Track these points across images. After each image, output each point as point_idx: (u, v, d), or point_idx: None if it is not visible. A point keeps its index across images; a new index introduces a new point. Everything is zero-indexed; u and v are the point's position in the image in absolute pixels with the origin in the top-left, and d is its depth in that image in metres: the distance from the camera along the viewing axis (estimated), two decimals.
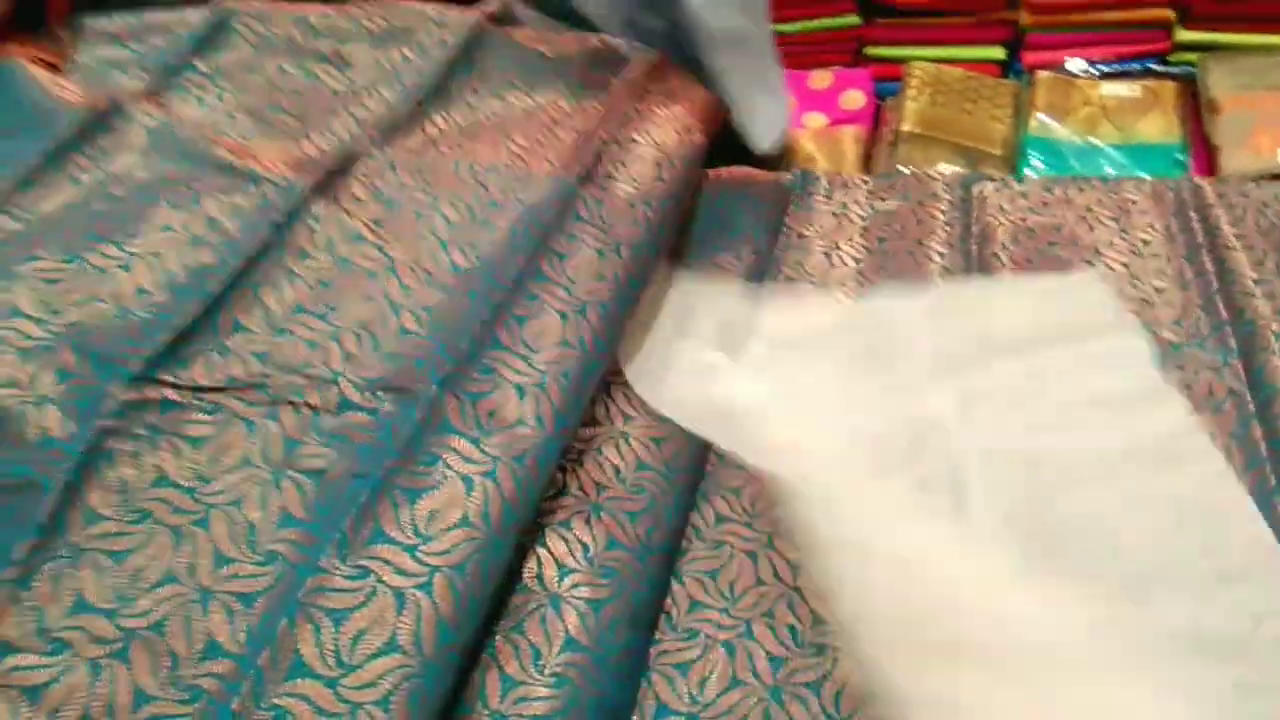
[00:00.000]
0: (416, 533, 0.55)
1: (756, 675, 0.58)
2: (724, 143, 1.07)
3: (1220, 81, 1.50)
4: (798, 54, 1.71)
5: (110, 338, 0.61)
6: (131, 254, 0.66)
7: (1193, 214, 0.93)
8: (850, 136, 1.60)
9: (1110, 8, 1.61)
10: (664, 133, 0.91)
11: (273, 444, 0.60)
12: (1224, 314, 0.79)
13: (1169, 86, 1.53)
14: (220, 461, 0.58)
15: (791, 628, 0.61)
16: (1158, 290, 0.82)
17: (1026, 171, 1.39)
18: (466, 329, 0.66)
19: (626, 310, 0.75)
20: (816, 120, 1.64)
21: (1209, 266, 0.85)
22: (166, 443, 0.58)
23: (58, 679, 0.50)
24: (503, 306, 0.68)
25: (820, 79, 1.68)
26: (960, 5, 1.67)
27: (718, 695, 0.57)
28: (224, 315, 0.65)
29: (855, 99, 1.65)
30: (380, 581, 0.53)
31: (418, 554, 0.54)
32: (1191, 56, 1.59)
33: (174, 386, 0.60)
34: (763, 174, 1.04)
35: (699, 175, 0.97)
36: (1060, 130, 1.49)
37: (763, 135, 1.13)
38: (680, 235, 0.93)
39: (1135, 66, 1.60)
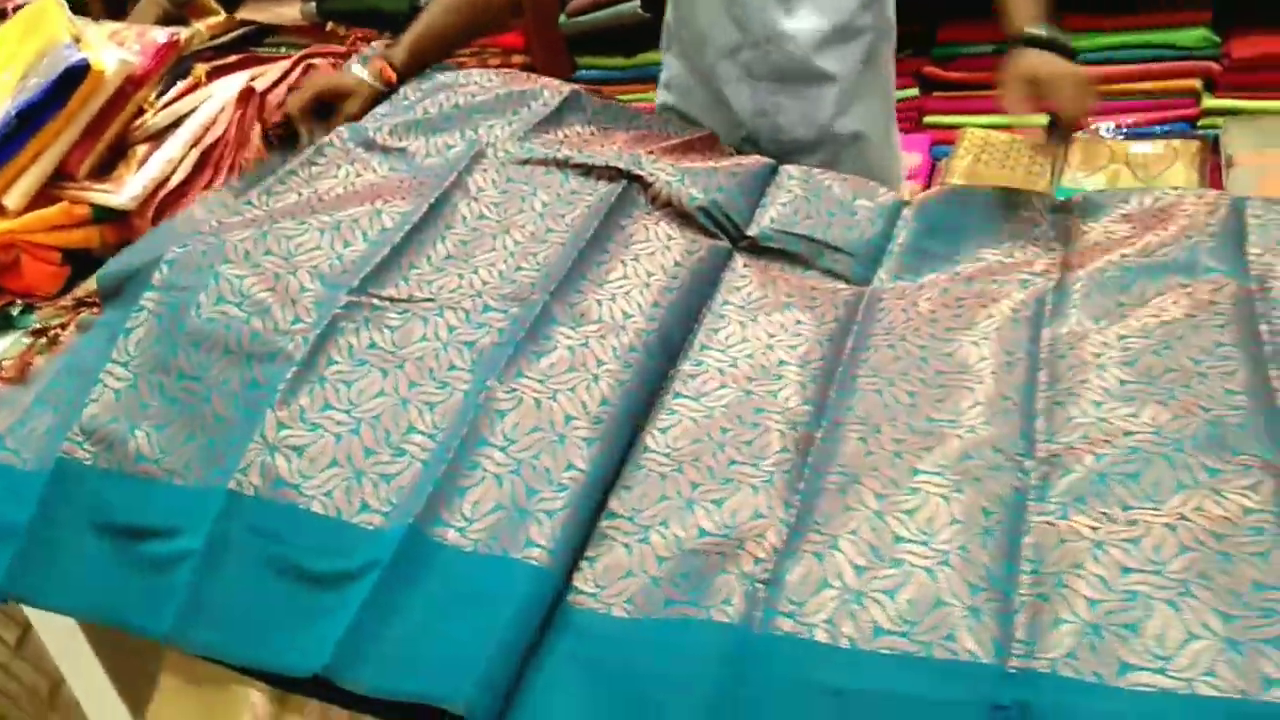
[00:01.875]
0: (543, 376, 0.87)
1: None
2: None
3: (1238, 141, 1.69)
4: None
5: (333, 271, 0.96)
6: (339, 222, 1.01)
7: None
8: (908, 191, 1.85)
9: (1142, 79, 1.82)
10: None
11: (441, 329, 0.93)
12: None
13: (1192, 145, 1.72)
14: (409, 338, 0.91)
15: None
16: None
17: None
18: (563, 266, 0.98)
19: (694, 273, 1.03)
20: None
21: None
22: (374, 327, 0.91)
23: (314, 443, 0.82)
24: (584, 255, 1.00)
25: None
26: None
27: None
28: (403, 260, 0.99)
29: (913, 159, 1.89)
30: (524, 396, 0.85)
31: (546, 384, 0.87)
32: (1219, 121, 1.78)
33: (377, 297, 0.94)
34: None
35: None
36: (1088, 182, 1.70)
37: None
38: None
39: (1166, 129, 1.80)
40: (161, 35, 1.28)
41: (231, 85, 1.26)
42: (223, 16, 1.44)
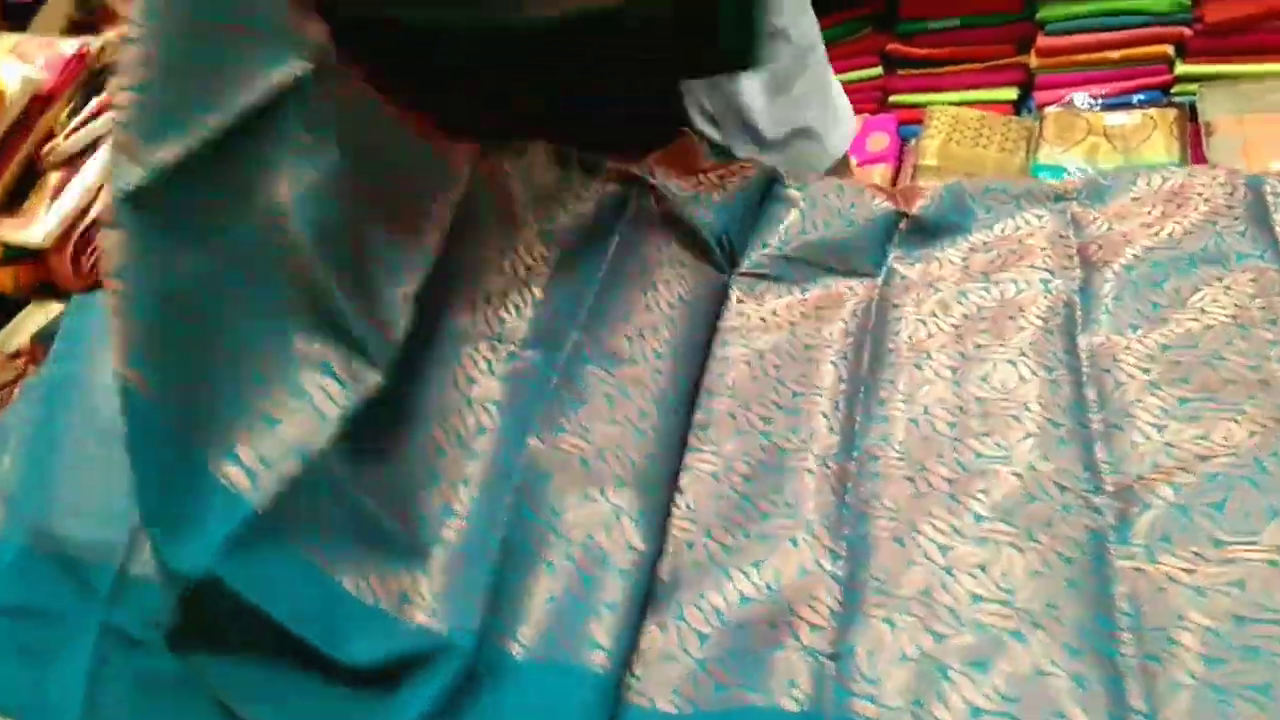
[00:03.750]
0: (582, 429, 0.75)
1: None
2: None
3: (1216, 107, 1.63)
4: None
5: None
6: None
7: None
8: (877, 175, 1.77)
9: (1113, 47, 1.76)
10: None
11: (459, 377, 0.78)
12: None
13: (1169, 114, 1.66)
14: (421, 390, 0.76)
15: None
16: None
17: None
18: (586, 299, 0.85)
19: (698, 308, 0.92)
20: None
21: None
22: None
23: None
24: (606, 285, 0.87)
25: None
26: (973, 54, 1.84)
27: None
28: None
29: (880, 141, 1.82)
30: (568, 456, 0.73)
31: (589, 439, 0.75)
32: (1193, 87, 1.73)
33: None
34: None
35: None
36: (1066, 157, 1.63)
37: (837, 144, 1.29)
38: None
39: (1140, 98, 1.74)
40: (69, 47, 1.14)
41: None
42: None
